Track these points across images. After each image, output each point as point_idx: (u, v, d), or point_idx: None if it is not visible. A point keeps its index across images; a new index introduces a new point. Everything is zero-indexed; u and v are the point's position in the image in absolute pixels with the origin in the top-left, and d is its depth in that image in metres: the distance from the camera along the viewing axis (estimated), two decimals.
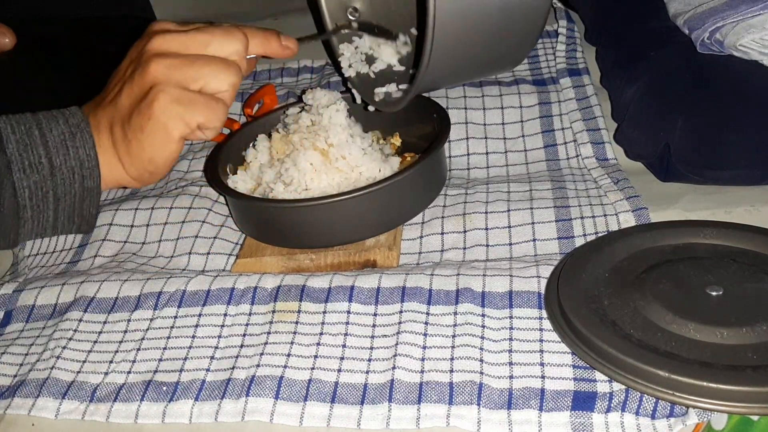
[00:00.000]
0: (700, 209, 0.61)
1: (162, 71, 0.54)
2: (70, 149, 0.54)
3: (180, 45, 0.55)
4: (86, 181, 0.55)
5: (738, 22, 0.62)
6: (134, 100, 0.55)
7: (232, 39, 0.56)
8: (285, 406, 0.48)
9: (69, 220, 0.55)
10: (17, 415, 0.50)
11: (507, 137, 0.72)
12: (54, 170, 0.53)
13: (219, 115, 0.56)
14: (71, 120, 0.55)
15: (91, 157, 0.54)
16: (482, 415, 0.46)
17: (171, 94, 0.54)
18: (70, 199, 0.54)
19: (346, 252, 0.60)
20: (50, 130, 0.54)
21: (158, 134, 0.55)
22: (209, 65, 0.55)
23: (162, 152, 0.56)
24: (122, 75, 0.57)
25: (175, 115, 0.54)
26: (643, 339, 0.47)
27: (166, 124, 0.55)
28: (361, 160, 0.61)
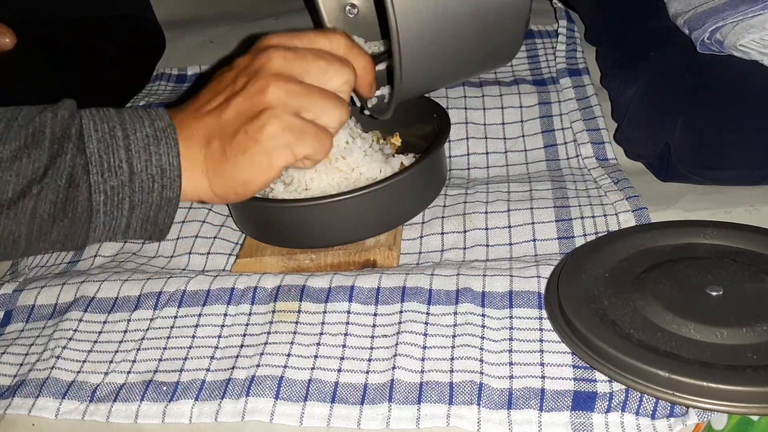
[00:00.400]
0: (700, 209, 0.61)
1: (280, 96, 0.51)
2: (153, 155, 0.51)
3: (301, 70, 0.52)
4: (166, 191, 0.51)
5: (738, 22, 0.62)
6: (243, 118, 0.51)
7: (345, 71, 0.54)
8: (285, 406, 0.48)
9: (142, 228, 0.52)
10: (17, 415, 0.50)
11: (507, 137, 0.72)
12: (134, 176, 0.50)
13: (326, 148, 0.53)
14: (157, 123, 0.52)
15: (174, 167, 0.51)
16: (482, 415, 0.46)
17: (285, 121, 0.51)
18: (146, 208, 0.51)
19: (346, 252, 0.60)
20: (134, 132, 0.51)
21: (262, 160, 0.52)
22: (326, 99, 0.53)
23: (259, 177, 0.52)
24: (230, 86, 0.53)
25: (284, 143, 0.51)
26: (643, 339, 0.47)
27: (273, 151, 0.51)
28: (362, 161, 0.61)
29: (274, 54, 0.52)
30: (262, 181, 0.53)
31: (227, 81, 0.54)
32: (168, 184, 0.51)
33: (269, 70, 0.52)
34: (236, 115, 0.52)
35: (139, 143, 0.50)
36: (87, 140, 0.49)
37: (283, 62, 0.52)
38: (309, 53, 0.53)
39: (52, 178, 0.48)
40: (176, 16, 1.02)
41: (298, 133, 0.51)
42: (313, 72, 0.52)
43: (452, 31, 0.53)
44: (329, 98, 0.53)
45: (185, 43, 0.96)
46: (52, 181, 0.48)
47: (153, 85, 0.89)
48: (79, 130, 0.49)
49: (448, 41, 0.54)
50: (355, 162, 0.60)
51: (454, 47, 0.54)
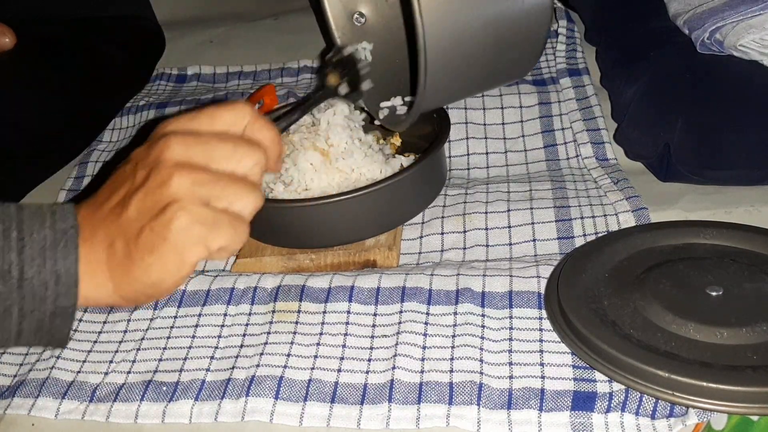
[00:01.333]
0: (700, 209, 0.61)
1: (186, 186, 0.47)
2: (47, 261, 0.46)
3: (204, 156, 0.48)
4: (60, 299, 0.46)
5: (738, 22, 0.62)
6: (147, 215, 0.47)
7: (254, 152, 0.49)
8: (285, 406, 0.48)
9: (36, 336, 0.48)
10: (17, 415, 0.50)
11: (507, 137, 0.72)
12: (23, 282, 0.45)
13: (242, 237, 0.49)
14: (59, 224, 0.47)
15: (70, 273, 0.46)
16: (482, 415, 0.46)
17: (194, 213, 0.47)
18: (38, 316, 0.47)
19: (346, 252, 0.60)
20: (30, 234, 0.46)
21: (172, 258, 0.48)
22: (237, 185, 0.49)
23: (170, 277, 0.48)
24: (130, 179, 0.49)
25: (196, 237, 0.47)
26: (643, 339, 0.47)
27: (184, 247, 0.47)
28: (362, 161, 0.61)
29: (173, 140, 0.47)
30: (173, 281, 0.48)
31: (125, 175, 0.49)
32: (63, 291, 0.46)
33: (169, 159, 0.47)
34: (139, 212, 0.47)
35: (35, 247, 0.46)
36: None
37: (183, 149, 0.47)
38: (212, 137, 0.48)
39: None
40: (176, 16, 1.02)
41: (210, 225, 0.47)
42: (218, 157, 0.48)
43: (475, 48, 0.53)
44: (240, 183, 0.48)
45: (185, 43, 0.96)
46: None
47: (153, 85, 0.89)
48: None
49: (471, 58, 0.53)
50: (356, 163, 0.60)
51: (476, 63, 0.54)
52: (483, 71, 0.56)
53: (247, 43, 0.95)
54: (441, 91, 0.56)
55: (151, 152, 0.48)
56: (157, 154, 0.48)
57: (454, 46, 0.52)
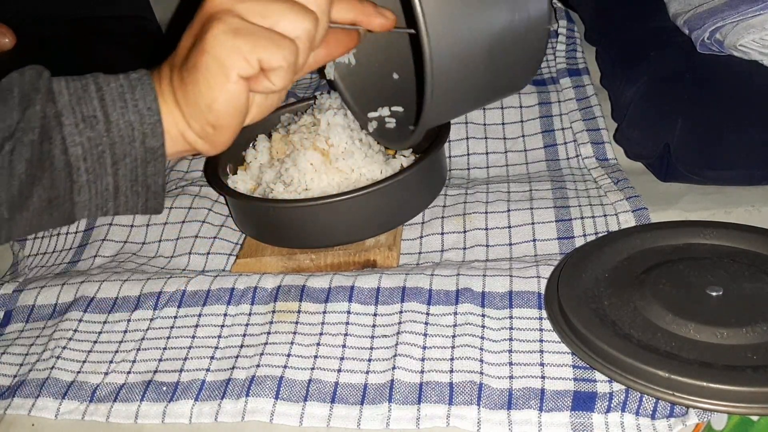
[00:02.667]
0: (700, 209, 0.61)
1: (227, 2, 0.47)
2: (129, 102, 0.47)
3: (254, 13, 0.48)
4: (148, 140, 0.47)
5: (738, 22, 0.62)
6: (192, 36, 0.49)
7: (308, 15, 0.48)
8: (285, 406, 0.48)
9: (132, 190, 0.48)
10: (17, 415, 0.50)
11: (507, 137, 0.72)
12: (110, 126, 0.46)
13: (285, 53, 0.48)
14: (132, 74, 0.49)
15: (153, 111, 0.47)
16: (482, 415, 0.46)
17: (228, 23, 0.47)
18: (131, 162, 0.47)
19: (346, 252, 0.60)
20: (107, 84, 0.47)
21: (213, 71, 0.48)
22: (282, 3, 0.48)
23: (220, 95, 0.48)
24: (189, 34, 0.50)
25: (231, 47, 0.47)
26: (643, 339, 0.47)
27: (222, 58, 0.47)
28: (362, 162, 0.61)
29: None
30: (224, 100, 0.48)
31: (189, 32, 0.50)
32: (149, 130, 0.48)
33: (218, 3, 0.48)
34: (187, 36, 0.49)
35: (114, 92, 0.47)
36: (58, 95, 0.46)
37: None
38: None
39: (23, 132, 0.45)
40: None
41: (245, 35, 0.47)
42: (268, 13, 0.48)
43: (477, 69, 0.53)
44: (288, 3, 0.48)
45: None
46: (24, 136, 0.45)
47: None
48: (48, 85, 0.46)
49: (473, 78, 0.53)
50: (356, 163, 0.60)
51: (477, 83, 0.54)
52: (484, 89, 0.56)
53: None
54: (444, 112, 0.56)
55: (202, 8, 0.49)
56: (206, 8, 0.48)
57: (458, 68, 0.52)
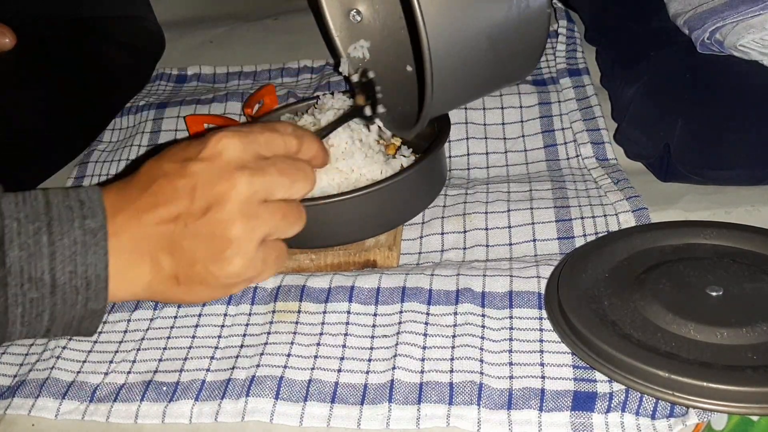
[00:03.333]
0: (700, 209, 0.61)
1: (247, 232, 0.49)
2: (79, 267, 0.46)
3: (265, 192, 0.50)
4: (90, 304, 0.47)
5: (738, 22, 0.62)
6: (204, 252, 0.49)
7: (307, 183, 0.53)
8: (285, 406, 0.48)
9: (64, 333, 0.49)
10: (17, 415, 0.50)
11: (507, 137, 0.72)
12: (56, 289, 0.46)
13: (283, 264, 0.54)
14: (88, 223, 0.47)
15: (100, 279, 0.47)
16: (482, 415, 0.46)
17: (249, 259, 0.50)
18: (68, 318, 0.47)
19: (346, 252, 0.60)
20: (61, 237, 0.46)
21: (219, 292, 0.52)
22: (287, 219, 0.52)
23: (211, 299, 0.53)
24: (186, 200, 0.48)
25: (246, 279, 0.52)
26: (643, 339, 0.47)
27: (234, 286, 0.52)
28: (363, 162, 0.61)
29: (239, 178, 0.48)
30: (212, 300, 0.53)
31: (183, 192, 0.49)
32: (93, 296, 0.47)
33: (235, 200, 0.48)
34: (194, 243, 0.48)
35: (65, 251, 0.46)
36: (8, 247, 0.45)
37: (249, 189, 0.49)
38: (274, 171, 0.50)
39: None
40: (176, 16, 1.02)
41: (259, 267, 0.51)
42: (278, 192, 0.51)
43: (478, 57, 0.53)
44: (290, 216, 0.52)
45: (185, 43, 0.96)
46: None
47: (153, 85, 0.89)
48: (0, 237, 0.45)
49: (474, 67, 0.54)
50: (356, 164, 0.60)
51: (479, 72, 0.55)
52: (486, 78, 0.57)
53: (247, 43, 0.95)
54: (445, 101, 0.56)
55: (214, 180, 0.48)
56: (222, 190, 0.48)
57: (458, 57, 0.52)
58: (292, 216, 0.52)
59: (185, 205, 0.48)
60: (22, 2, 0.84)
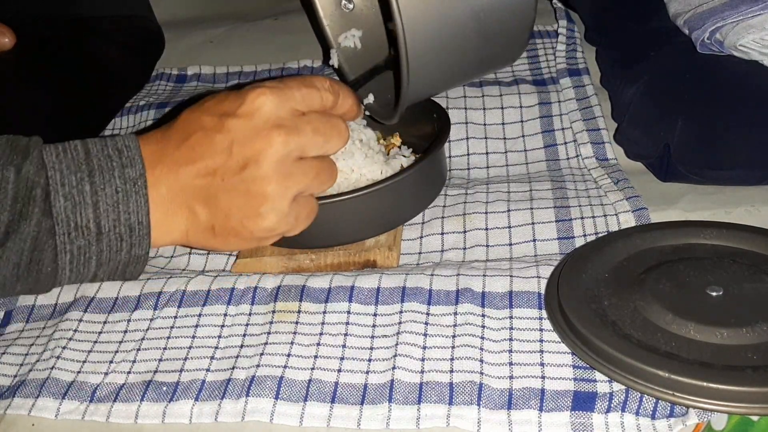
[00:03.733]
0: (700, 209, 0.61)
1: (281, 189, 0.50)
2: (122, 214, 0.48)
3: (301, 151, 0.51)
4: (134, 249, 0.50)
5: (738, 22, 0.62)
6: (239, 207, 0.50)
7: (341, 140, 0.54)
8: (285, 406, 0.48)
9: (109, 278, 0.52)
10: (17, 415, 0.50)
11: (507, 137, 0.72)
12: (101, 236, 0.48)
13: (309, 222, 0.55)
14: (128, 172, 0.49)
15: (143, 225, 0.49)
16: (482, 415, 0.46)
17: (283, 215, 0.51)
18: (113, 264, 0.50)
19: (346, 252, 0.60)
20: (102, 186, 0.48)
21: (253, 243, 0.53)
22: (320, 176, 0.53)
23: (245, 248, 0.54)
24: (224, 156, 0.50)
25: (278, 233, 0.53)
26: (643, 339, 0.47)
27: (266, 239, 0.53)
28: (363, 162, 0.61)
29: (276, 136, 0.50)
30: (246, 248, 0.54)
31: (220, 147, 0.50)
32: (137, 242, 0.49)
33: (271, 159, 0.50)
34: (230, 197, 0.50)
35: (108, 200, 0.48)
36: (54, 199, 0.47)
37: (284, 149, 0.50)
38: (309, 129, 0.51)
39: (15, 242, 0.46)
40: (176, 16, 1.02)
41: (291, 222, 0.52)
42: (313, 150, 0.52)
43: (456, 34, 0.53)
44: (323, 174, 0.53)
45: (185, 43, 0.96)
46: (15, 245, 0.46)
47: (153, 85, 0.89)
48: (45, 188, 0.47)
49: (453, 45, 0.53)
50: (356, 164, 0.60)
51: (459, 51, 0.54)
52: (471, 61, 0.56)
53: (247, 43, 0.95)
54: (426, 83, 0.56)
55: (252, 137, 0.49)
56: (258, 148, 0.49)
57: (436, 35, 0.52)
58: (324, 174, 0.53)
59: (222, 160, 0.50)
60: (22, 2, 0.85)
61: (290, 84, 0.52)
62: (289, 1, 1.02)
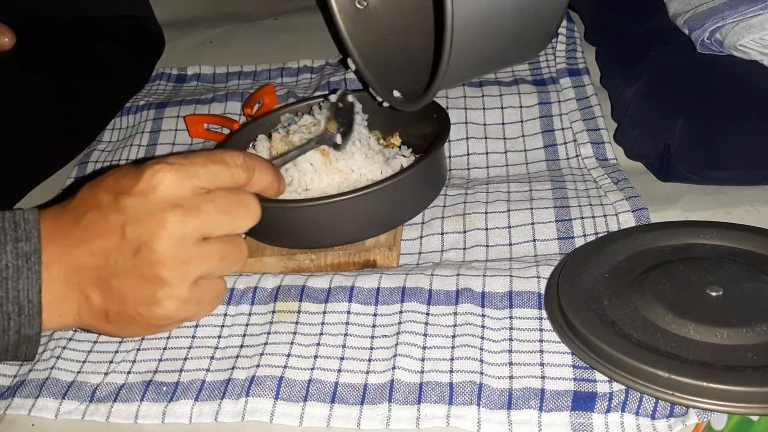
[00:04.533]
0: (700, 209, 0.61)
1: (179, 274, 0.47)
2: (11, 291, 0.45)
3: (200, 231, 0.48)
4: (23, 329, 0.46)
5: (738, 22, 0.62)
6: (135, 294, 0.47)
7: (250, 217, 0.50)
8: (285, 406, 0.48)
9: (2, 358, 0.48)
10: (17, 415, 0.50)
11: (507, 137, 0.72)
12: None
13: (219, 303, 0.52)
14: (22, 246, 0.45)
15: (33, 304, 0.45)
16: (482, 415, 0.46)
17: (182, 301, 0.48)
18: (2, 345, 0.46)
19: (346, 252, 0.59)
20: None
21: (149, 332, 0.51)
22: (224, 260, 0.49)
23: (142, 336, 0.51)
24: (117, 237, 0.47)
25: (179, 321, 0.51)
26: (643, 339, 0.47)
27: (166, 327, 0.51)
28: (363, 162, 0.61)
29: (170, 219, 0.46)
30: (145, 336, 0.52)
31: (114, 228, 0.47)
32: (26, 322, 0.46)
33: (165, 241, 0.46)
34: (124, 283, 0.47)
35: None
36: None
37: (180, 230, 0.46)
38: (212, 209, 0.48)
39: None
40: (176, 16, 1.02)
41: (193, 309, 0.49)
42: (216, 230, 0.49)
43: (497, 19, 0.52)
44: (228, 258, 0.49)
45: (185, 43, 0.96)
46: None
47: (152, 85, 0.89)
48: None
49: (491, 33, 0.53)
50: (356, 164, 0.60)
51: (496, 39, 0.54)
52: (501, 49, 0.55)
53: (247, 43, 0.95)
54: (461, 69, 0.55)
55: (145, 218, 0.46)
56: (151, 231, 0.46)
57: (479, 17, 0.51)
58: (231, 256, 0.50)
59: (115, 242, 0.47)
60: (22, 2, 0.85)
61: (195, 160, 0.48)
62: (289, 1, 1.02)
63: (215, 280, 0.52)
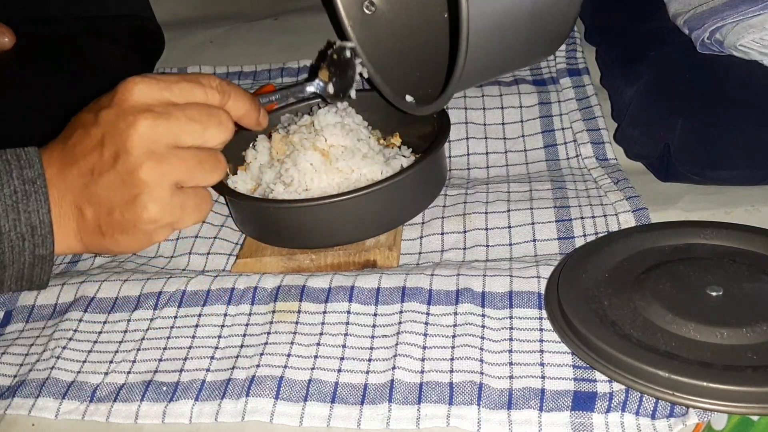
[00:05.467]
0: (700, 209, 0.61)
1: (155, 174, 0.49)
2: (22, 213, 0.48)
3: (172, 136, 0.49)
4: (38, 250, 0.49)
5: (738, 22, 0.62)
6: (118, 198, 0.49)
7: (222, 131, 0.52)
8: (285, 406, 0.48)
9: (17, 284, 0.50)
10: (17, 415, 0.50)
11: (507, 137, 0.72)
12: (2, 236, 0.48)
13: (206, 210, 0.53)
14: (26, 173, 0.48)
15: (44, 224, 0.48)
16: (482, 415, 0.46)
17: (164, 203, 0.49)
18: (18, 267, 0.49)
19: (346, 252, 0.60)
20: (1, 187, 0.48)
21: (141, 238, 0.52)
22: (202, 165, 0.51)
23: (139, 248, 0.52)
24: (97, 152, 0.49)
25: (164, 224, 0.51)
26: (643, 339, 0.47)
27: (153, 232, 0.52)
28: (363, 162, 0.61)
29: (141, 122, 0.48)
30: (140, 250, 0.53)
31: (92, 141, 0.49)
32: (40, 242, 0.49)
33: (139, 144, 0.48)
34: (108, 191, 0.49)
35: (7, 201, 0.48)
36: None
37: (151, 132, 0.48)
38: (182, 116, 0.49)
39: None
40: (176, 16, 1.02)
41: (177, 212, 0.51)
42: (187, 138, 0.50)
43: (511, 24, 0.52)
44: (206, 163, 0.51)
45: (185, 43, 0.96)
46: None
47: None
48: None
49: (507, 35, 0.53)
50: (356, 164, 0.60)
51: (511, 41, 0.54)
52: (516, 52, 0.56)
53: (247, 43, 0.95)
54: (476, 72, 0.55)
55: (118, 125, 0.49)
56: (124, 133, 0.48)
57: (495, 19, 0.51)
58: (208, 163, 0.51)
59: (97, 155, 0.49)
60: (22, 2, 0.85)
61: (169, 77, 0.51)
62: (289, 1, 1.02)
63: (198, 189, 0.53)
